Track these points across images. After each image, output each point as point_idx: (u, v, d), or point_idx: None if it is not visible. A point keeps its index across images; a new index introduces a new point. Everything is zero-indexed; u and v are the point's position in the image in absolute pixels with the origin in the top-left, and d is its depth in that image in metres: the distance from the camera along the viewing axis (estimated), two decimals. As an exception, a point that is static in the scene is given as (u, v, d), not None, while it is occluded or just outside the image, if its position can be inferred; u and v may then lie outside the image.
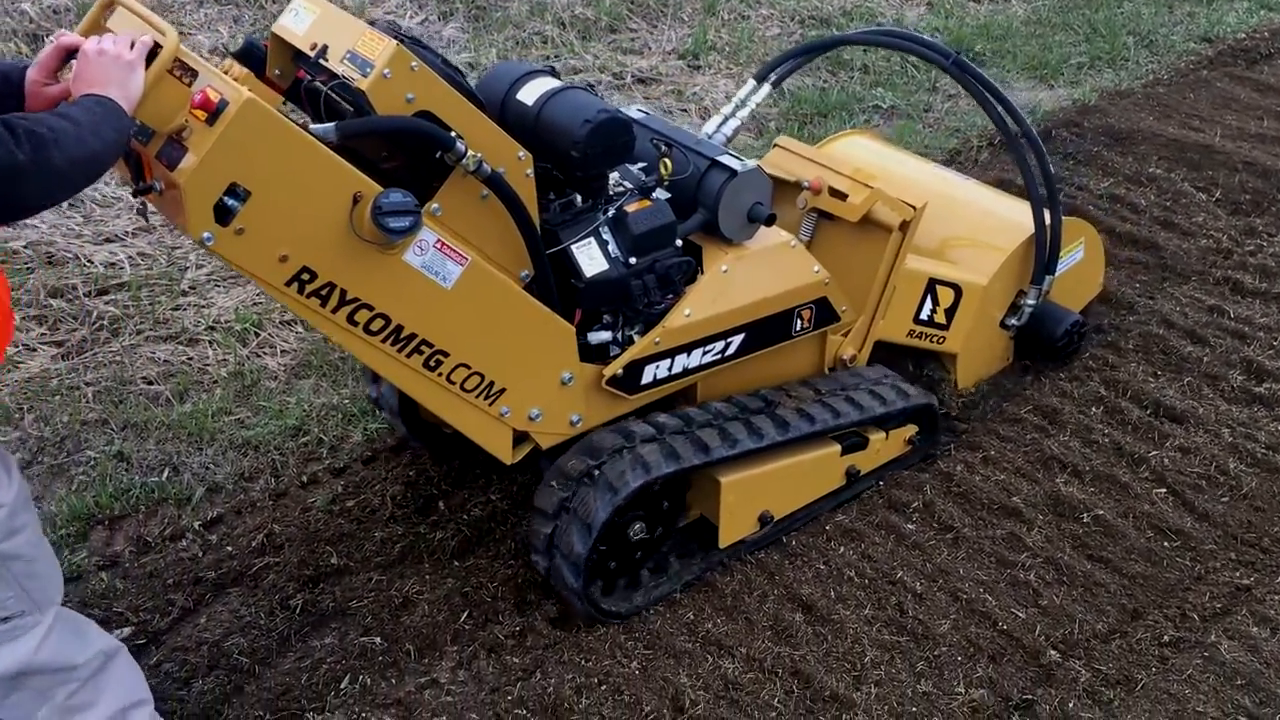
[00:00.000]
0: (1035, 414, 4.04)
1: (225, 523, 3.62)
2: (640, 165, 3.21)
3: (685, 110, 6.41)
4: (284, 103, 2.86)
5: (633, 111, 3.45)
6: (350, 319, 2.60)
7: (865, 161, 4.25)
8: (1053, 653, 3.15)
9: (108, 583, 3.36)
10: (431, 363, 2.77)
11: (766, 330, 3.36)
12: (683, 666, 3.07)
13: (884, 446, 3.70)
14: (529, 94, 3.00)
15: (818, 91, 6.66)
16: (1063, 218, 4.01)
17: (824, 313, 3.49)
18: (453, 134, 2.57)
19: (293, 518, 3.63)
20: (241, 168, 2.29)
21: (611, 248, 3.02)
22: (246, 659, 3.18)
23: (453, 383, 2.83)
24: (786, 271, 3.35)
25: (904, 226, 3.59)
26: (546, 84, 3.01)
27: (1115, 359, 4.29)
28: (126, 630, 3.22)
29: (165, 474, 3.77)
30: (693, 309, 3.15)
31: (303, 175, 2.38)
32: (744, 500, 3.34)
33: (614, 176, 3.13)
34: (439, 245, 2.64)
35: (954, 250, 4.06)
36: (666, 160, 3.16)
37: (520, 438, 3.08)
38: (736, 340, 3.30)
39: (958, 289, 3.90)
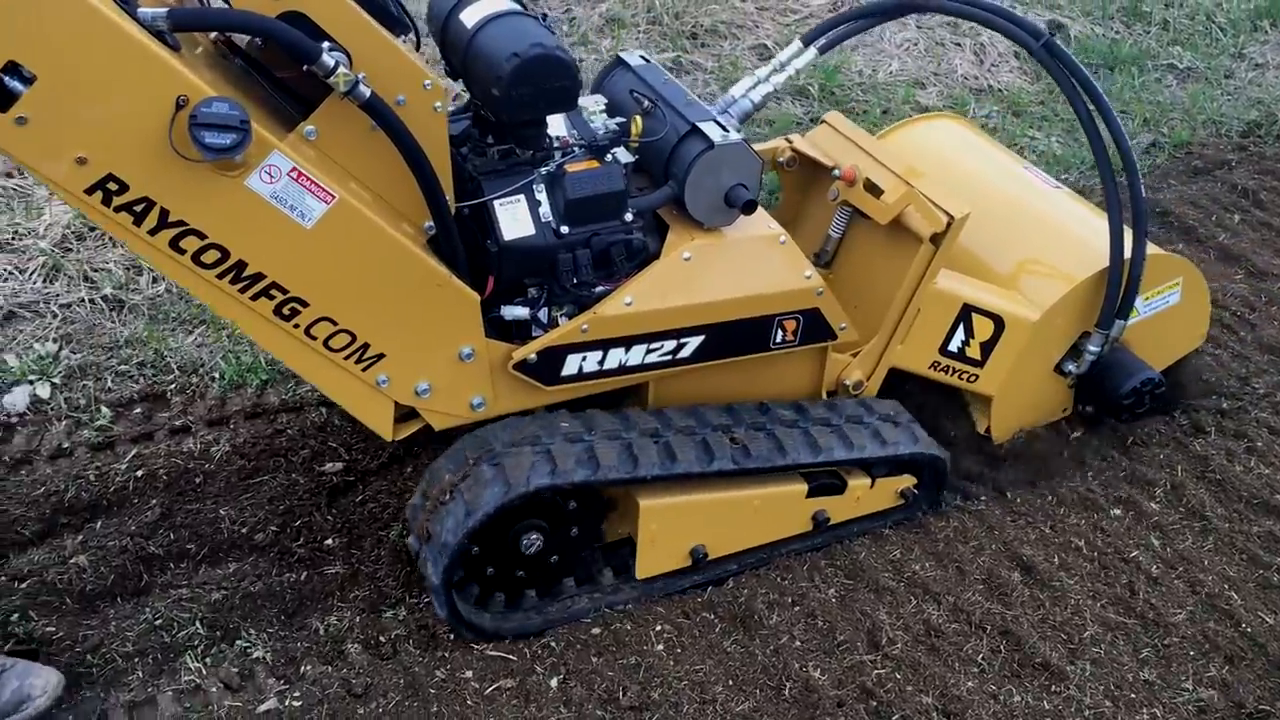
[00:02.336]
0: (1319, 410, 3.61)
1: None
2: (618, 120, 2.76)
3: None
4: None
5: (632, 59, 3.01)
6: (175, 245, 2.19)
7: (936, 153, 3.64)
8: (1301, 667, 2.82)
9: (325, 417, 3.45)
10: (285, 311, 2.35)
11: (734, 337, 2.83)
12: (883, 603, 2.89)
13: (866, 495, 3.09)
14: (471, 15, 2.58)
15: (1108, 42, 6.16)
16: (1157, 252, 3.33)
17: (815, 327, 2.92)
18: (325, 45, 2.15)
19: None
20: (22, 44, 1.93)
21: (543, 210, 2.60)
22: (446, 513, 3.20)
23: (313, 337, 2.40)
24: (767, 271, 2.81)
25: (936, 239, 2.98)
26: (495, 5, 2.59)
27: None
28: (338, 465, 3.29)
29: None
30: (636, 297, 2.67)
31: (107, 64, 1.99)
32: (670, 530, 2.85)
33: (570, 130, 2.71)
34: (296, 175, 2.21)
35: (1017, 274, 3.36)
36: (638, 118, 2.74)
37: (410, 414, 2.68)
38: (693, 342, 2.78)
39: (999, 321, 3.22)
